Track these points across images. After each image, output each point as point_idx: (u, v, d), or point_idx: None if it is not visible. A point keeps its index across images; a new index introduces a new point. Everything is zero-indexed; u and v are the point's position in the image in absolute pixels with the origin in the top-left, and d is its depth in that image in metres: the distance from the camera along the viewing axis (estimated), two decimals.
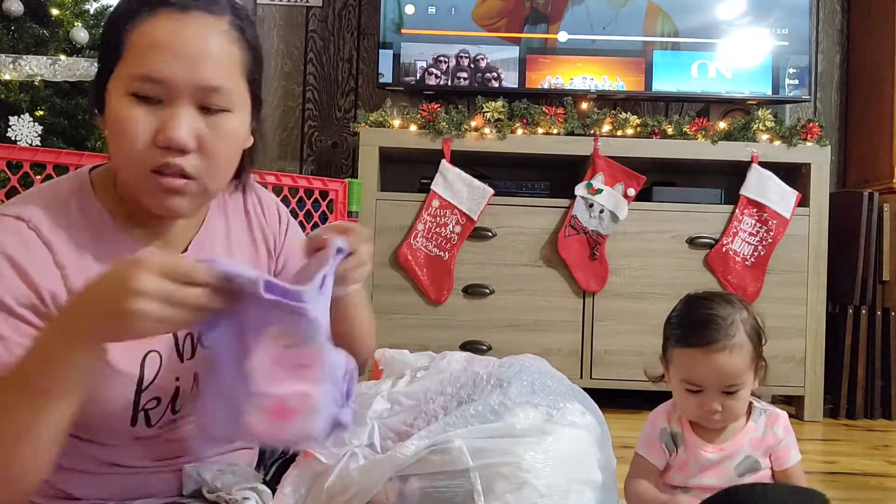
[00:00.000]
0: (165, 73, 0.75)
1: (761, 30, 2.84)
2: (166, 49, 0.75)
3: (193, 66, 0.76)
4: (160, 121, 0.76)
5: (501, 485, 0.77)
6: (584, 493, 0.80)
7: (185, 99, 0.76)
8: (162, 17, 0.76)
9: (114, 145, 0.78)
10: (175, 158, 0.76)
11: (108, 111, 0.78)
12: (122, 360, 0.80)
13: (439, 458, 0.80)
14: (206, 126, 0.77)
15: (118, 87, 0.77)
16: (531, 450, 0.80)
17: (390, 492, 0.80)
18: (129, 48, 0.76)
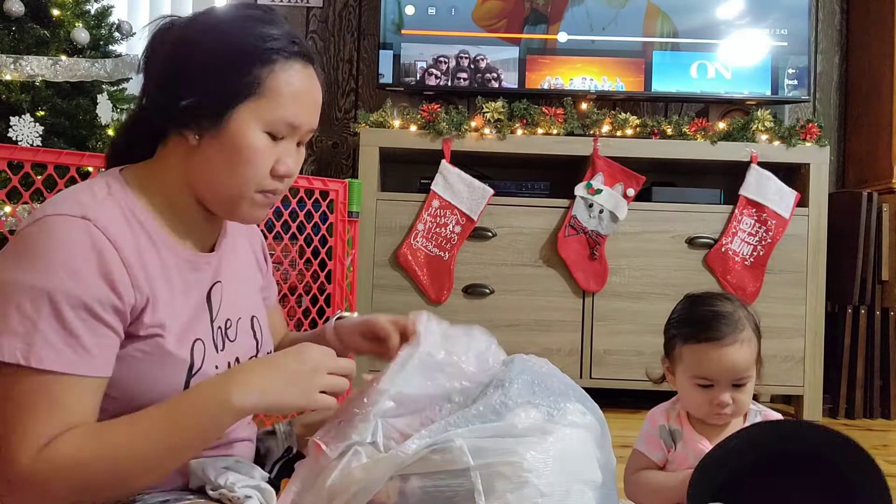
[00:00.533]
0: (301, 121, 0.89)
1: (760, 30, 2.84)
2: (306, 101, 0.89)
3: (315, 115, 0.92)
4: (279, 153, 0.88)
5: (502, 484, 0.77)
6: (584, 493, 0.81)
7: (298, 138, 0.91)
8: (297, 68, 0.89)
9: (230, 167, 0.87)
10: (281, 185, 0.90)
11: (232, 136, 0.86)
12: (177, 345, 0.86)
13: (440, 457, 0.80)
14: (299, 156, 0.92)
15: (254, 121, 0.86)
16: (532, 449, 0.80)
17: (391, 491, 0.80)
18: (270, 90, 0.86)
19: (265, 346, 1.02)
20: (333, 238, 2.18)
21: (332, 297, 2.18)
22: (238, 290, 0.99)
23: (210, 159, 0.87)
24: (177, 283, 0.88)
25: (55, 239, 0.79)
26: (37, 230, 0.80)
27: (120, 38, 2.28)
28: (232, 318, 0.96)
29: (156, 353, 0.85)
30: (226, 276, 0.96)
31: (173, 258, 0.89)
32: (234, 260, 1.00)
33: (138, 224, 0.86)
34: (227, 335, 0.94)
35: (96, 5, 2.25)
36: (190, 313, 0.89)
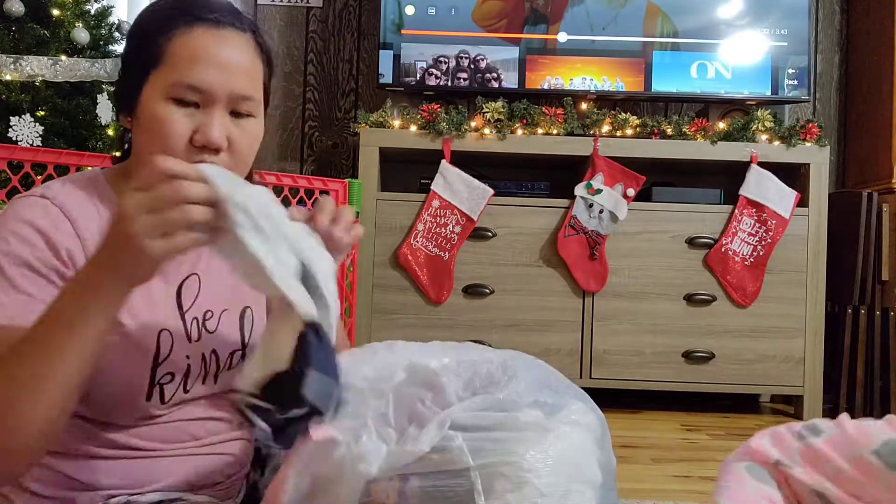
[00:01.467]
0: (206, 83, 0.83)
1: (760, 30, 2.84)
2: (207, 61, 0.84)
3: (229, 77, 0.85)
4: (197, 123, 0.84)
5: (502, 484, 0.77)
6: (584, 493, 0.81)
7: (220, 104, 0.85)
8: (199, 31, 0.84)
9: (148, 143, 0.85)
10: (209, 157, 0.84)
11: (144, 112, 0.85)
12: (140, 335, 0.86)
13: (439, 456, 0.80)
14: (235, 129, 0.86)
15: (157, 91, 0.84)
16: (532, 449, 0.80)
17: (391, 491, 0.80)
18: (168, 57, 0.84)
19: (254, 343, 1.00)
20: None
21: None
22: (223, 280, 0.96)
23: (138, 141, 0.87)
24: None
25: (11, 213, 0.83)
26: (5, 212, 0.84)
27: (120, 38, 2.28)
28: (214, 309, 0.95)
29: (117, 342, 0.84)
30: (206, 269, 0.95)
31: None
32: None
33: (110, 209, 0.88)
34: (206, 326, 0.93)
35: (96, 5, 2.25)
36: (157, 302, 0.89)
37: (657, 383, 2.62)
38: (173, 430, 0.90)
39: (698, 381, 2.63)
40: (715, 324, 2.64)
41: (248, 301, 1.00)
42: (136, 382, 0.86)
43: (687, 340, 2.64)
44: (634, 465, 2.00)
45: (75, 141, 2.08)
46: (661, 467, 1.98)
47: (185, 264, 0.93)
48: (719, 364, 2.63)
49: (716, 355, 2.63)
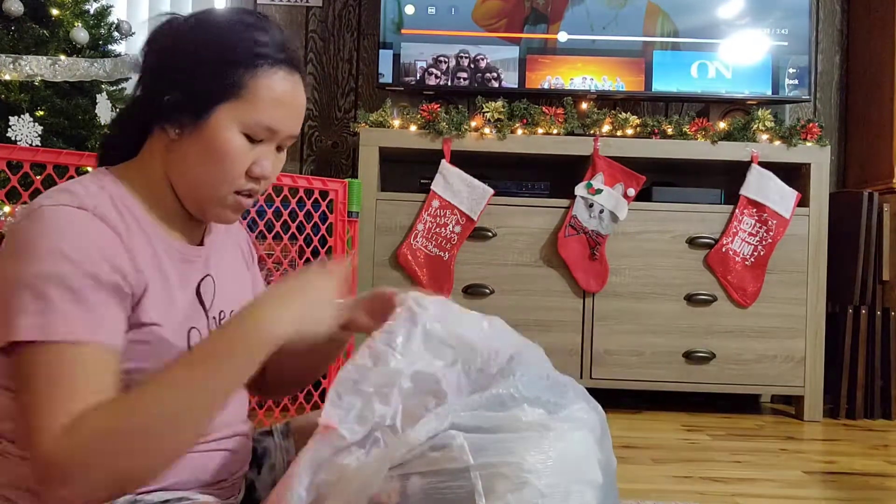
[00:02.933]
0: (280, 127, 0.89)
1: (761, 30, 2.84)
2: (287, 108, 0.90)
3: (296, 122, 0.92)
4: (256, 155, 0.89)
5: (502, 485, 0.77)
6: (584, 494, 0.80)
7: (277, 142, 0.91)
8: (282, 75, 0.89)
9: (204, 164, 0.88)
10: (256, 186, 0.91)
11: (210, 136, 0.87)
12: (173, 333, 0.88)
13: (440, 455, 0.80)
14: (277, 159, 0.93)
15: (232, 122, 0.87)
16: (532, 449, 0.79)
17: (392, 491, 0.79)
18: (251, 94, 0.87)
19: None
20: (333, 238, 2.18)
21: None
22: (230, 284, 1.01)
23: (187, 156, 0.88)
24: (171, 273, 0.90)
25: (56, 225, 0.80)
26: (33, 221, 0.80)
27: (119, 38, 2.28)
28: (226, 309, 0.98)
29: (154, 341, 0.85)
30: (216, 270, 0.98)
31: (165, 249, 0.90)
32: (222, 255, 1.02)
33: (130, 215, 0.88)
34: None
35: (95, 5, 2.25)
36: (185, 303, 0.91)
37: (657, 383, 2.62)
38: None
39: (699, 381, 2.63)
40: (715, 324, 2.64)
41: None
42: None
43: (687, 340, 2.63)
44: (635, 465, 2.00)
45: (74, 141, 2.08)
46: (662, 468, 1.98)
47: (200, 267, 0.95)
48: (720, 364, 2.63)
49: (716, 355, 2.63)
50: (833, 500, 1.76)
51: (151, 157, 0.92)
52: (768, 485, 1.85)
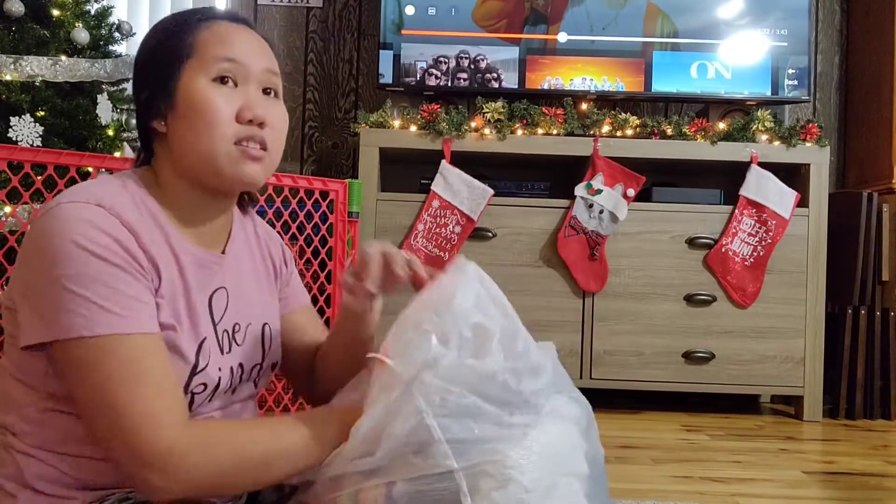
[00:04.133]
0: (240, 58, 0.89)
1: (760, 30, 2.84)
2: (236, 42, 0.90)
3: (257, 55, 0.91)
4: (238, 102, 0.88)
5: (487, 483, 0.77)
6: (571, 485, 0.80)
7: (255, 82, 0.90)
8: (222, 23, 0.91)
9: (194, 129, 0.87)
10: (256, 131, 0.88)
11: (184, 100, 0.87)
12: (185, 342, 0.87)
13: (422, 461, 0.80)
14: (270, 107, 0.91)
15: (194, 76, 0.87)
16: (515, 446, 0.80)
17: (378, 496, 0.80)
18: (199, 45, 0.89)
19: (272, 356, 1.02)
20: (333, 238, 2.18)
21: (332, 298, 2.18)
22: (248, 296, 0.99)
23: (180, 134, 0.88)
24: (189, 276, 0.89)
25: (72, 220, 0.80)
26: (52, 219, 0.81)
27: (120, 39, 2.28)
28: (241, 322, 0.96)
29: (169, 346, 0.85)
30: (232, 282, 0.97)
31: (184, 253, 0.89)
32: (244, 266, 1.00)
33: (151, 216, 0.88)
34: (235, 339, 0.95)
35: (96, 5, 2.25)
36: (199, 310, 0.90)
37: (657, 383, 2.62)
38: None
39: (698, 381, 2.63)
40: (715, 324, 2.64)
41: (268, 317, 1.02)
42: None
43: (687, 341, 2.64)
44: (634, 465, 2.00)
45: (75, 141, 2.08)
46: (662, 468, 1.98)
47: (216, 276, 0.94)
48: (719, 364, 2.63)
49: (716, 355, 2.63)
50: (832, 500, 1.77)
51: (158, 160, 0.92)
52: (768, 485, 1.85)
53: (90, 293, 0.77)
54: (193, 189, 0.91)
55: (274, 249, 1.09)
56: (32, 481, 0.85)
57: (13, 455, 0.86)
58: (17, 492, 0.85)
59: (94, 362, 0.77)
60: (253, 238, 1.05)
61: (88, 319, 0.77)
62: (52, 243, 0.79)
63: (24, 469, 0.85)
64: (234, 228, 1.00)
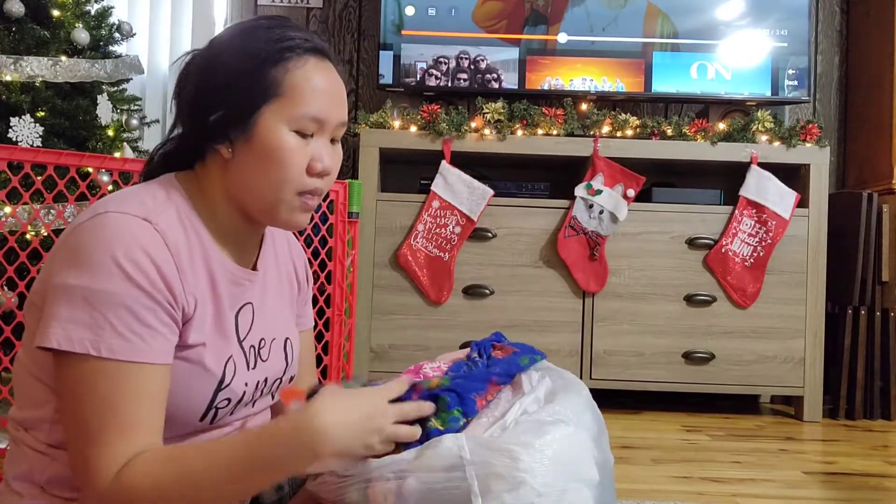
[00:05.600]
0: (327, 115, 0.89)
1: (761, 31, 2.84)
2: (328, 94, 0.89)
3: (341, 107, 0.91)
4: (312, 151, 0.88)
5: (498, 484, 0.77)
6: (581, 492, 0.81)
7: (328, 134, 0.91)
8: (312, 63, 0.89)
9: (263, 171, 0.87)
10: (320, 183, 0.90)
11: (261, 142, 0.86)
12: (212, 360, 0.87)
13: (436, 457, 0.80)
14: (333, 154, 0.92)
15: (279, 122, 0.86)
16: (528, 448, 0.80)
17: (388, 492, 0.80)
18: (289, 90, 0.87)
19: (291, 370, 1.03)
20: (333, 239, 2.18)
21: (331, 298, 2.18)
22: (272, 311, 0.99)
23: (245, 168, 0.88)
24: (221, 294, 0.90)
25: (118, 234, 0.80)
26: (99, 226, 0.81)
27: (120, 39, 2.28)
28: (266, 338, 0.97)
29: (196, 362, 0.86)
30: (259, 297, 0.97)
31: (219, 269, 0.90)
32: (270, 280, 1.01)
33: (194, 232, 0.88)
34: (261, 354, 0.95)
35: (96, 6, 2.26)
36: (226, 326, 0.91)
37: (657, 384, 2.62)
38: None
39: (698, 381, 2.63)
40: (715, 324, 2.64)
41: (289, 332, 1.03)
42: (196, 404, 0.87)
43: (687, 341, 2.64)
44: (635, 465, 2.00)
45: (75, 141, 2.08)
46: (662, 468, 1.98)
47: (246, 292, 0.94)
48: (719, 365, 2.63)
49: (716, 356, 2.63)
50: (832, 500, 1.77)
51: (209, 179, 0.91)
52: (768, 485, 1.85)
53: (109, 314, 0.78)
54: (238, 213, 0.91)
55: (300, 266, 1.10)
56: (42, 481, 0.85)
57: (25, 452, 0.86)
58: (24, 491, 0.85)
59: (87, 380, 0.78)
60: (281, 248, 1.06)
61: (97, 339, 0.78)
62: (92, 253, 0.79)
63: (35, 468, 0.85)
64: (265, 240, 1.01)
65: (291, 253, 1.08)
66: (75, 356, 0.78)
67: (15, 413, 0.89)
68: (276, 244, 1.05)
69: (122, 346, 0.78)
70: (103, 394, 0.78)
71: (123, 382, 0.78)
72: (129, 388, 0.78)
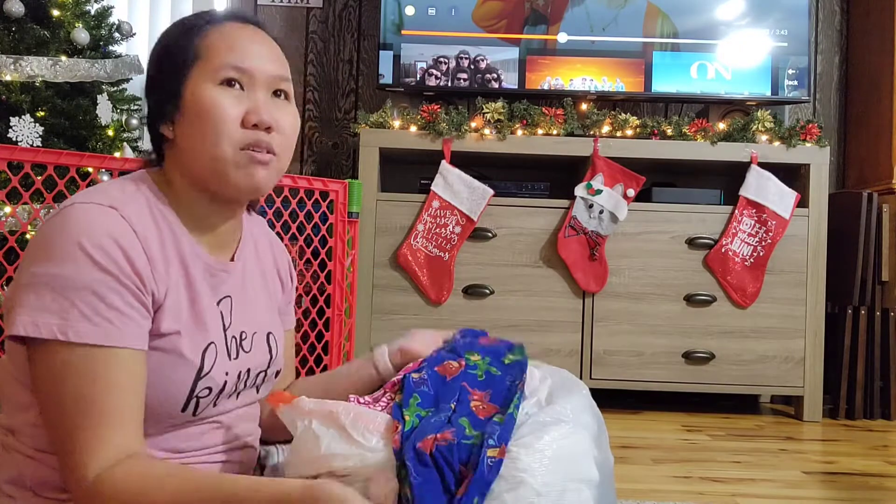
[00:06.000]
0: (248, 64, 0.88)
1: (761, 31, 2.84)
2: (244, 47, 0.89)
3: (266, 61, 0.90)
4: (245, 106, 0.87)
5: (498, 484, 0.77)
6: (581, 492, 0.80)
7: (262, 87, 0.89)
8: (229, 25, 0.90)
9: (200, 133, 0.86)
10: (263, 136, 0.87)
11: (190, 104, 0.87)
12: (189, 347, 0.86)
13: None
14: (278, 110, 0.90)
15: (201, 80, 0.87)
16: (527, 448, 0.80)
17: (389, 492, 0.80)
18: (206, 50, 0.88)
19: (276, 364, 1.02)
20: (333, 238, 2.18)
21: (331, 298, 2.18)
22: (254, 305, 0.99)
23: (186, 139, 0.88)
24: (197, 284, 0.89)
25: (84, 222, 0.80)
26: (65, 217, 0.81)
27: (120, 39, 2.28)
28: (247, 330, 0.97)
29: (171, 351, 0.85)
30: (238, 290, 0.97)
31: (194, 259, 0.90)
32: (250, 274, 1.00)
33: (165, 222, 0.88)
34: (242, 346, 0.95)
35: (96, 6, 2.25)
36: (208, 317, 0.90)
37: (657, 384, 2.62)
38: (185, 439, 0.91)
39: (698, 381, 2.63)
40: (715, 324, 2.64)
41: (272, 326, 1.03)
42: (176, 393, 0.86)
43: (687, 341, 2.64)
44: (635, 465, 2.00)
45: (75, 141, 2.08)
46: (662, 468, 1.98)
47: (225, 284, 0.94)
48: (719, 364, 2.63)
49: (716, 356, 2.63)
50: (832, 500, 1.77)
51: (168, 164, 0.92)
52: (768, 485, 1.85)
53: (76, 298, 0.77)
54: (202, 195, 0.91)
55: (282, 263, 1.09)
56: (32, 485, 0.85)
57: (14, 457, 0.86)
58: (15, 494, 0.85)
59: (59, 369, 0.77)
60: (262, 246, 1.05)
61: (65, 324, 0.77)
62: (58, 241, 0.79)
63: (24, 472, 0.85)
64: (244, 236, 1.00)
65: (273, 251, 1.08)
66: (44, 345, 0.77)
67: (2, 419, 0.89)
68: (258, 241, 1.04)
69: (90, 329, 0.77)
70: (76, 383, 0.77)
71: (95, 370, 0.77)
72: (101, 377, 0.77)
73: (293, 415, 0.86)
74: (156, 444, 0.88)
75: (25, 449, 0.85)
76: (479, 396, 0.91)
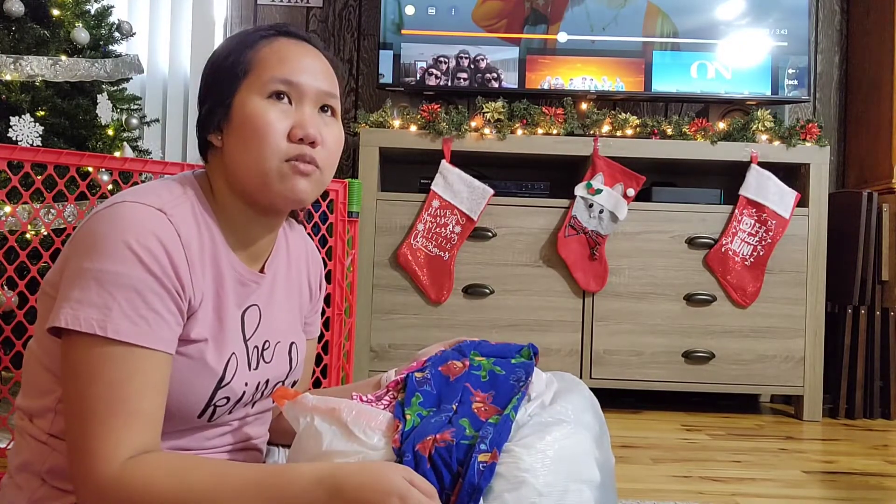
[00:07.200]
0: (297, 78, 0.90)
1: (761, 30, 2.84)
2: (295, 61, 0.91)
3: (316, 76, 0.91)
4: (292, 119, 0.89)
5: (500, 484, 0.77)
6: (582, 492, 0.81)
7: (309, 102, 0.90)
8: (283, 41, 0.92)
9: (246, 144, 0.88)
10: (308, 150, 0.89)
11: (238, 116, 0.89)
12: (214, 356, 0.88)
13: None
14: (324, 126, 0.92)
15: (251, 93, 0.89)
16: (529, 449, 0.80)
17: None
18: (258, 64, 0.90)
19: (295, 374, 1.03)
20: (333, 238, 2.18)
21: (331, 298, 2.18)
22: (279, 314, 1.00)
23: (234, 150, 0.89)
24: (228, 292, 0.90)
25: (133, 221, 0.81)
26: (114, 214, 0.82)
27: (120, 38, 2.28)
28: (270, 340, 0.97)
29: (197, 358, 0.86)
30: (266, 300, 0.97)
31: (228, 268, 0.91)
32: (279, 284, 1.01)
33: (206, 228, 0.89)
34: (263, 356, 0.96)
35: (96, 5, 2.25)
36: (230, 325, 0.91)
37: (657, 383, 2.62)
38: (194, 440, 0.91)
39: (698, 381, 2.63)
40: (715, 324, 2.64)
41: (295, 336, 1.03)
42: (195, 400, 0.87)
43: (687, 340, 2.64)
44: (634, 465, 2.00)
45: (75, 141, 2.08)
46: (662, 467, 1.98)
47: (253, 294, 0.95)
48: (719, 364, 2.63)
49: (716, 355, 2.63)
50: (832, 499, 1.77)
51: (212, 172, 0.93)
52: (768, 484, 1.85)
53: (119, 295, 0.78)
54: (244, 205, 0.92)
55: (314, 273, 1.10)
56: (42, 472, 0.86)
57: (28, 442, 0.87)
58: (23, 483, 0.86)
59: (93, 363, 0.78)
60: (296, 255, 1.06)
61: (104, 320, 0.78)
62: (105, 237, 0.80)
63: (36, 458, 0.86)
64: (277, 245, 1.01)
65: (308, 260, 1.08)
66: (82, 338, 0.78)
67: (21, 402, 0.90)
68: (291, 249, 1.05)
69: (128, 328, 0.78)
70: (109, 378, 0.78)
71: (129, 368, 0.78)
72: (134, 375, 0.78)
73: (296, 411, 0.87)
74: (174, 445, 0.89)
75: (39, 434, 0.86)
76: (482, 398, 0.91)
